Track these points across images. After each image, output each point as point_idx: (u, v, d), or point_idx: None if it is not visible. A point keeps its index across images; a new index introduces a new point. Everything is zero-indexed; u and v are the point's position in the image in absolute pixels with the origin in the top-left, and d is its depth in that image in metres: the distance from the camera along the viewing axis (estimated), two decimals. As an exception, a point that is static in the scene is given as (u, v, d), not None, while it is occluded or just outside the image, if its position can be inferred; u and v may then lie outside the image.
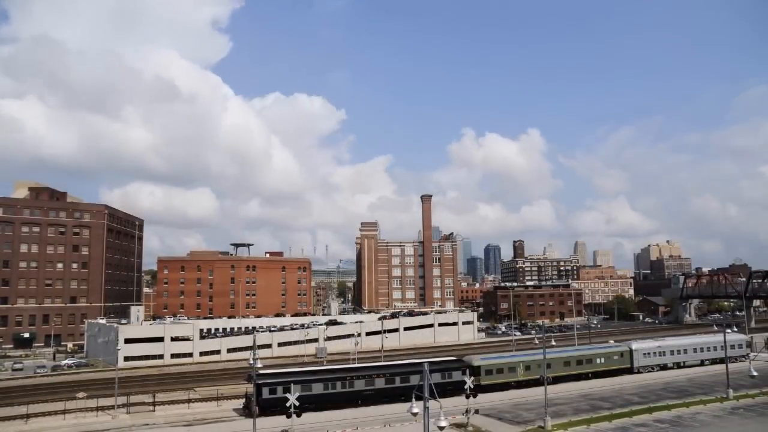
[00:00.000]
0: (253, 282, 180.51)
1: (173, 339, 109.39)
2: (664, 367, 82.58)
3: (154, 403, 62.55)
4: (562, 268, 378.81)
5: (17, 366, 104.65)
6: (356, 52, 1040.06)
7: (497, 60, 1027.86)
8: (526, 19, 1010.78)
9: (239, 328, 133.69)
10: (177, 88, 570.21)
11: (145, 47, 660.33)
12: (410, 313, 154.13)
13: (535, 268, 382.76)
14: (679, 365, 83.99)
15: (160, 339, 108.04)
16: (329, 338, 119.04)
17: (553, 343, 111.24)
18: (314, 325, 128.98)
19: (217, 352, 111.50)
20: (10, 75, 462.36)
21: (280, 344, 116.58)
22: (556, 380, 70.85)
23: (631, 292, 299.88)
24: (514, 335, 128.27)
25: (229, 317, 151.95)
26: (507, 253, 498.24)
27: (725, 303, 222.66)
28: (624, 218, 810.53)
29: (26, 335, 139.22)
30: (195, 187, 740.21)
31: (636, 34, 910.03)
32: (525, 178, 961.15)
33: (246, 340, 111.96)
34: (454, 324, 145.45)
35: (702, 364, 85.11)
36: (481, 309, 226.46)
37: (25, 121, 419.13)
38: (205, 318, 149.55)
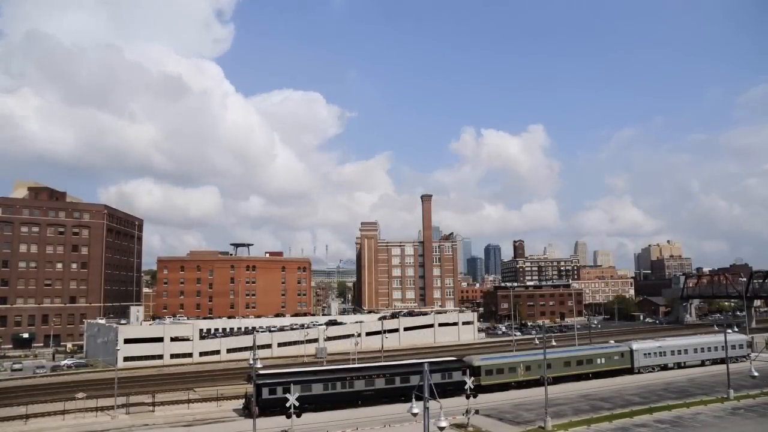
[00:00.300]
0: (253, 282, 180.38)
1: (173, 339, 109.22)
2: (664, 368, 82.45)
3: (153, 404, 62.39)
4: (562, 268, 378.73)
5: (16, 366, 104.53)
6: (359, 50, 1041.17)
7: (498, 61, 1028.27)
8: (526, 20, 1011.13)
9: (239, 329, 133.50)
10: (181, 85, 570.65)
11: (145, 42, 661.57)
12: (410, 314, 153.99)
13: (536, 268, 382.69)
14: (679, 365, 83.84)
15: (160, 339, 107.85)
16: (329, 338, 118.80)
17: (554, 343, 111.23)
18: (314, 325, 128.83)
19: (217, 352, 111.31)
20: (5, 71, 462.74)
21: (280, 344, 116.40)
22: (557, 380, 70.69)
23: (632, 292, 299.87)
24: (515, 335, 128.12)
25: (229, 317, 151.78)
26: (507, 253, 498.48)
27: (726, 303, 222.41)
28: (627, 218, 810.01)
29: (25, 335, 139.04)
30: (195, 186, 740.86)
31: (637, 34, 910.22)
32: (527, 177, 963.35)
33: (246, 340, 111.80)
34: (455, 324, 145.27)
35: (703, 364, 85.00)
36: (481, 309, 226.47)
37: (21, 118, 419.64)
38: (204, 318, 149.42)
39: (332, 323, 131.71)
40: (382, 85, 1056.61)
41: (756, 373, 56.81)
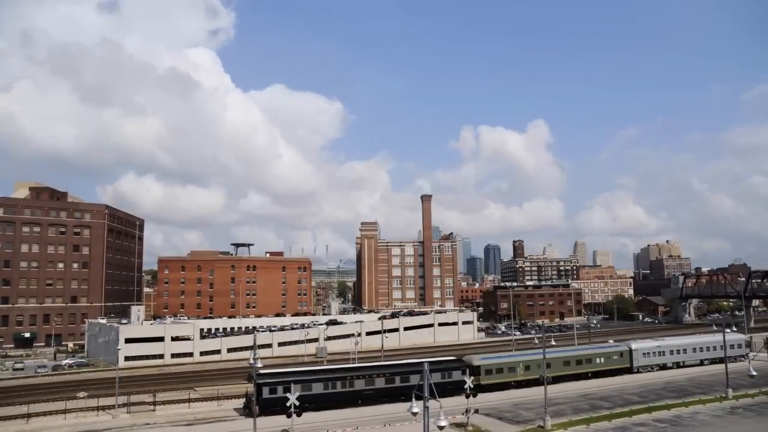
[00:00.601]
0: (254, 282, 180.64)
1: (173, 339, 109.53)
2: (663, 367, 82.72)
3: (154, 403, 62.67)
4: (561, 268, 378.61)
5: (18, 366, 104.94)
6: (362, 49, 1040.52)
7: (501, 58, 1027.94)
8: (526, 21, 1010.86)
9: (239, 328, 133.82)
10: (184, 81, 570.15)
11: (145, 33, 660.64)
12: (410, 313, 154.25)
13: (535, 268, 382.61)
14: (678, 365, 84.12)
15: (161, 339, 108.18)
16: (329, 338, 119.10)
17: (553, 342, 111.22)
18: (314, 325, 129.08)
19: (218, 351, 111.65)
20: (4, 68, 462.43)
21: (280, 344, 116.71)
22: (556, 380, 70.99)
23: (631, 291, 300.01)
24: (514, 335, 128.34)
25: (230, 317, 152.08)
26: (507, 253, 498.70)
27: (725, 303, 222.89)
28: (630, 218, 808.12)
29: (27, 335, 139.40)
30: (198, 185, 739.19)
31: (640, 32, 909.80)
32: (529, 176, 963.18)
33: (246, 340, 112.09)
34: (454, 324, 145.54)
35: (701, 363, 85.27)
36: (481, 309, 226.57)
37: (21, 116, 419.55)
38: (205, 318, 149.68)
39: (332, 323, 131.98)
40: (385, 83, 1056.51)
41: (754, 373, 57.16)
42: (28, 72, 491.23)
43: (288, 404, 48.49)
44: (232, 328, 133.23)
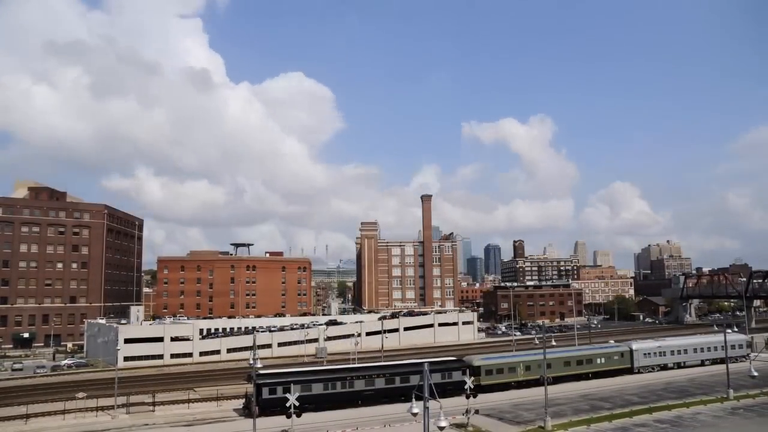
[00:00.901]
0: (253, 282, 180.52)
1: (173, 339, 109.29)
2: (664, 368, 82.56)
3: (153, 403, 62.48)
4: (562, 268, 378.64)
5: (17, 366, 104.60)
6: (366, 48, 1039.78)
7: (499, 61, 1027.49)
8: (527, 25, 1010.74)
9: (239, 328, 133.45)
10: (191, 76, 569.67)
11: (143, 26, 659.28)
12: (410, 313, 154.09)
13: (536, 268, 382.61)
14: (679, 365, 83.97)
15: (160, 339, 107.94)
16: (329, 338, 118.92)
17: (554, 343, 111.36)
18: (314, 325, 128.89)
19: (217, 352, 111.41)
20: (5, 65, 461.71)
21: (280, 344, 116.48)
22: (557, 380, 70.81)
23: (632, 292, 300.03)
24: (515, 335, 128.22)
25: (229, 317, 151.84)
26: (507, 253, 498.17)
27: (725, 303, 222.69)
28: (634, 218, 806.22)
29: (26, 335, 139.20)
30: (199, 182, 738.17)
31: (646, 33, 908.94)
32: (533, 175, 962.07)
33: (246, 340, 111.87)
34: (454, 324, 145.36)
35: (702, 364, 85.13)
36: (481, 309, 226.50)
37: (23, 114, 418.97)
38: (205, 318, 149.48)
39: (332, 323, 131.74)
40: (387, 82, 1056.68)
41: (755, 373, 57.03)
42: (25, 67, 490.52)
43: (288, 405, 48.32)
44: (232, 329, 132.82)
